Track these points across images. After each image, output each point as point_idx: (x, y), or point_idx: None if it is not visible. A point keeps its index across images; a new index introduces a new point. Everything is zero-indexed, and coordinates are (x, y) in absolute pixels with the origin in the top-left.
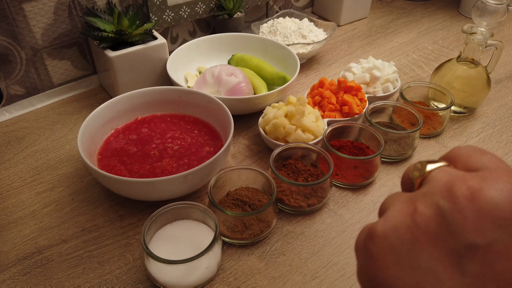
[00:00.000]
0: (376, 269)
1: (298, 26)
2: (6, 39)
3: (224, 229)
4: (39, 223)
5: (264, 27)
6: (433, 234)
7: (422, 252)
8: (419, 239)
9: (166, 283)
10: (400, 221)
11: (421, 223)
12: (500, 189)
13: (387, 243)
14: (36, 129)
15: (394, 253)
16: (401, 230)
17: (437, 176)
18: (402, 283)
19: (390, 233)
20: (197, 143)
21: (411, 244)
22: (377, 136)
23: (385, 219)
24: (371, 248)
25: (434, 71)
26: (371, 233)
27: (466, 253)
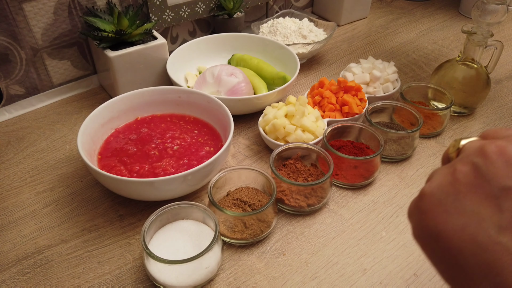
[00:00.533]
0: (428, 220)
1: (298, 26)
2: (6, 39)
3: (224, 229)
4: (39, 223)
5: (264, 27)
6: (472, 184)
7: (465, 199)
8: (461, 190)
9: (166, 283)
10: (443, 180)
11: (461, 178)
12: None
13: (434, 198)
14: (36, 129)
15: (441, 204)
16: (445, 186)
17: (470, 145)
18: (452, 225)
19: (436, 190)
20: (197, 143)
21: (455, 194)
22: (377, 136)
23: (430, 182)
24: (422, 205)
25: (434, 71)
26: (421, 195)
27: (501, 194)
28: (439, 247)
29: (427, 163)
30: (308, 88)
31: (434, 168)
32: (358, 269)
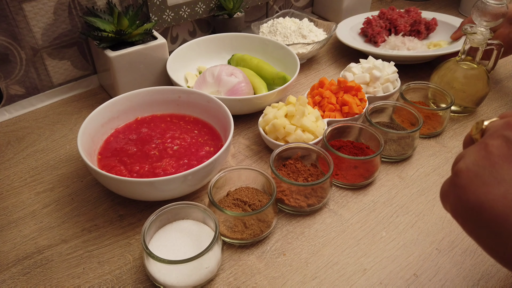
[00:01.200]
0: (469, 195)
1: (298, 26)
2: (6, 39)
3: (224, 229)
4: (39, 223)
5: (264, 27)
6: (506, 154)
7: (502, 169)
8: (496, 162)
9: (166, 283)
10: (477, 155)
11: (494, 151)
12: None
13: (471, 173)
14: (36, 129)
15: (479, 177)
16: (480, 160)
17: (495, 123)
18: (493, 195)
19: (471, 166)
20: (197, 143)
21: (491, 166)
22: (377, 136)
23: (464, 160)
24: (459, 182)
25: (434, 71)
26: (456, 172)
27: None
28: (483, 218)
29: (427, 163)
30: (308, 88)
31: (435, 168)
32: (358, 269)
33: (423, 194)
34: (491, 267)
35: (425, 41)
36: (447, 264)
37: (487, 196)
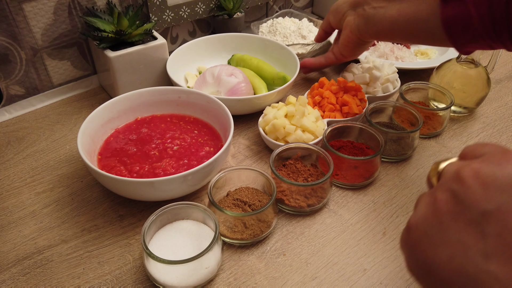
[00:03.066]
0: (418, 254)
1: (298, 26)
2: (6, 39)
3: (224, 229)
4: (39, 223)
5: (264, 27)
6: (453, 212)
7: (449, 229)
8: (443, 220)
9: (166, 283)
10: (426, 210)
11: (441, 207)
12: (497, 164)
13: (420, 231)
14: (36, 129)
15: (427, 237)
16: (428, 217)
17: (448, 169)
18: (440, 258)
19: (421, 222)
20: (197, 143)
21: (438, 225)
22: (377, 136)
23: (415, 214)
24: (410, 238)
25: (434, 71)
26: (408, 227)
27: (483, 219)
28: (432, 280)
29: (427, 163)
30: (308, 88)
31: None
32: (358, 269)
33: None
34: None
35: (413, 48)
36: None
37: (434, 259)
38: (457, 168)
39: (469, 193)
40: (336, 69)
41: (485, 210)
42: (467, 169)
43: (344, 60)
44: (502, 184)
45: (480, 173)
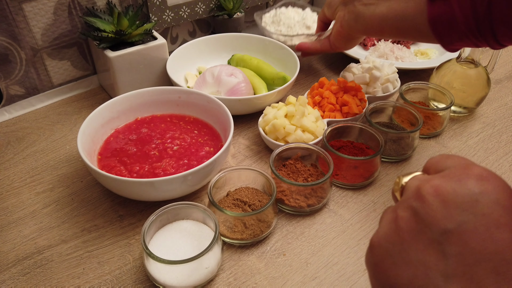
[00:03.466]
0: (380, 273)
1: (302, 17)
2: (6, 39)
3: (224, 229)
4: (39, 223)
5: (267, 17)
6: (414, 231)
7: (410, 248)
8: (405, 238)
9: (166, 283)
10: (388, 228)
11: (403, 225)
12: (457, 180)
13: (382, 250)
14: (36, 129)
15: (389, 255)
16: (390, 235)
17: (410, 184)
18: (401, 278)
19: (383, 241)
20: (197, 143)
21: (400, 244)
22: (377, 136)
23: (377, 231)
24: (373, 257)
25: (434, 71)
26: (370, 246)
27: (443, 239)
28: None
29: None
30: (308, 88)
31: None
32: (358, 269)
33: None
34: None
35: (413, 48)
36: None
37: (396, 280)
38: (418, 184)
39: (429, 211)
40: (336, 69)
41: (445, 229)
42: (427, 185)
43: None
44: (463, 202)
45: (440, 190)
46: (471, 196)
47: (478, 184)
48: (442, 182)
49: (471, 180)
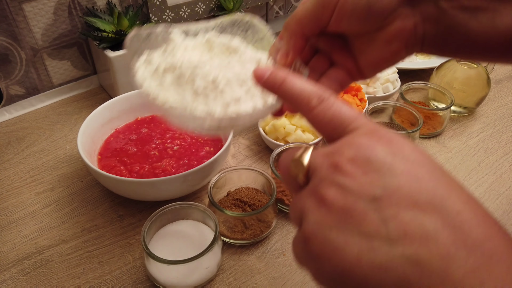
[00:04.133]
0: (325, 265)
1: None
2: (6, 39)
3: (224, 229)
4: (39, 223)
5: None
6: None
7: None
8: (340, 218)
9: (166, 283)
10: (316, 214)
11: (331, 204)
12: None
13: (320, 239)
14: (36, 129)
15: (329, 242)
16: (323, 220)
17: (319, 163)
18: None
19: (316, 229)
20: (197, 143)
21: (336, 225)
22: None
23: (307, 222)
24: (312, 250)
25: (434, 71)
26: (305, 240)
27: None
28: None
29: None
30: None
31: None
32: None
33: None
34: None
35: None
36: None
37: (344, 264)
38: (332, 161)
39: (354, 182)
40: None
41: (374, 195)
42: (342, 158)
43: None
44: (380, 166)
45: (357, 160)
46: (384, 159)
47: (386, 147)
48: (355, 152)
49: (379, 145)
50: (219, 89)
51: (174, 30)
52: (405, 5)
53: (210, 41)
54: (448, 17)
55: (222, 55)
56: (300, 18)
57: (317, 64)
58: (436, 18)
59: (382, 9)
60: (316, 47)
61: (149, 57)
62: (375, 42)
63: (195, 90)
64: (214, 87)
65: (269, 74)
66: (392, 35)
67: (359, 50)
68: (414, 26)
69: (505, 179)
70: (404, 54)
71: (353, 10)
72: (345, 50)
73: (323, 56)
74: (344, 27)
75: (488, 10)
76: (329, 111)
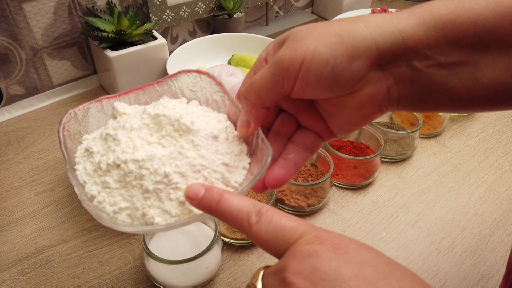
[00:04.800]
0: None
1: None
2: (6, 39)
3: (224, 229)
4: (39, 223)
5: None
6: None
7: None
8: None
9: (166, 283)
10: None
11: None
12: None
13: None
14: (36, 129)
15: None
16: None
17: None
18: None
19: None
20: None
21: None
22: (377, 136)
23: None
24: None
25: None
26: None
27: None
28: None
29: (427, 163)
30: None
31: (435, 168)
32: None
33: (423, 194)
34: (491, 267)
35: None
36: (447, 264)
37: None
38: (279, 275)
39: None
40: None
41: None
42: (288, 273)
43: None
44: (325, 275)
45: (302, 271)
46: (333, 269)
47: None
48: (300, 264)
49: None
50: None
51: (116, 103)
52: (375, 69)
53: (157, 115)
54: (424, 77)
55: (172, 138)
56: (259, 89)
57: (282, 127)
58: (411, 79)
59: (350, 78)
60: (280, 107)
61: (89, 145)
62: (345, 106)
63: (145, 189)
64: (168, 186)
65: (203, 193)
66: (363, 101)
67: (327, 113)
68: (387, 90)
69: (505, 179)
70: (378, 115)
71: (317, 80)
72: (313, 111)
73: (289, 117)
74: (309, 96)
75: (468, 64)
76: (270, 224)
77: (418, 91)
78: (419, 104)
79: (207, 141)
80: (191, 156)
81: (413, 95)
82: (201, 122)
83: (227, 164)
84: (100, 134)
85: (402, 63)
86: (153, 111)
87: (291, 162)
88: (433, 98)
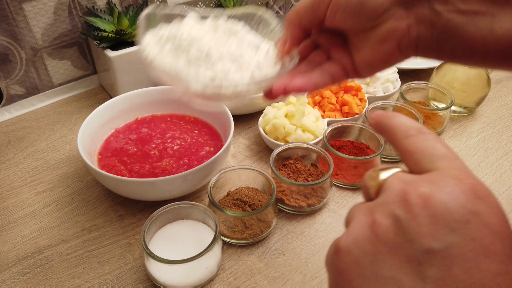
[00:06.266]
0: (343, 282)
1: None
2: (6, 39)
3: (224, 229)
4: (39, 223)
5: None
6: (392, 243)
7: (384, 262)
8: (380, 250)
9: (166, 283)
10: (361, 233)
11: (380, 234)
12: (449, 192)
13: (351, 257)
14: (36, 129)
15: (358, 265)
16: (362, 242)
17: (392, 185)
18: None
19: (353, 247)
20: (197, 143)
21: (373, 255)
22: (377, 136)
23: (347, 233)
24: (337, 263)
25: (434, 71)
26: (336, 249)
27: (425, 259)
28: None
29: None
30: None
31: None
32: None
33: None
34: None
35: None
36: None
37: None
38: (403, 188)
39: (415, 224)
40: None
41: (430, 248)
42: (415, 193)
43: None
44: (453, 221)
45: (430, 202)
46: (463, 216)
47: (471, 201)
48: (433, 191)
49: (464, 195)
50: (211, 61)
51: (190, 13)
52: (399, 6)
53: (216, 24)
54: (444, 21)
55: (224, 35)
56: (299, 9)
57: (315, 57)
58: (431, 21)
59: (374, 8)
60: (317, 43)
61: (159, 29)
62: (369, 40)
63: (189, 59)
64: (207, 59)
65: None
66: (385, 35)
67: (355, 48)
68: (407, 28)
69: (505, 179)
70: (398, 55)
71: (346, 5)
72: (343, 47)
73: (322, 51)
74: (338, 22)
75: (487, 15)
76: (425, 141)
77: (436, 34)
78: (436, 49)
79: (249, 45)
80: (233, 48)
81: (431, 37)
82: (250, 34)
83: (260, 65)
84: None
85: (425, 4)
86: (215, 22)
87: (311, 79)
88: (450, 44)
